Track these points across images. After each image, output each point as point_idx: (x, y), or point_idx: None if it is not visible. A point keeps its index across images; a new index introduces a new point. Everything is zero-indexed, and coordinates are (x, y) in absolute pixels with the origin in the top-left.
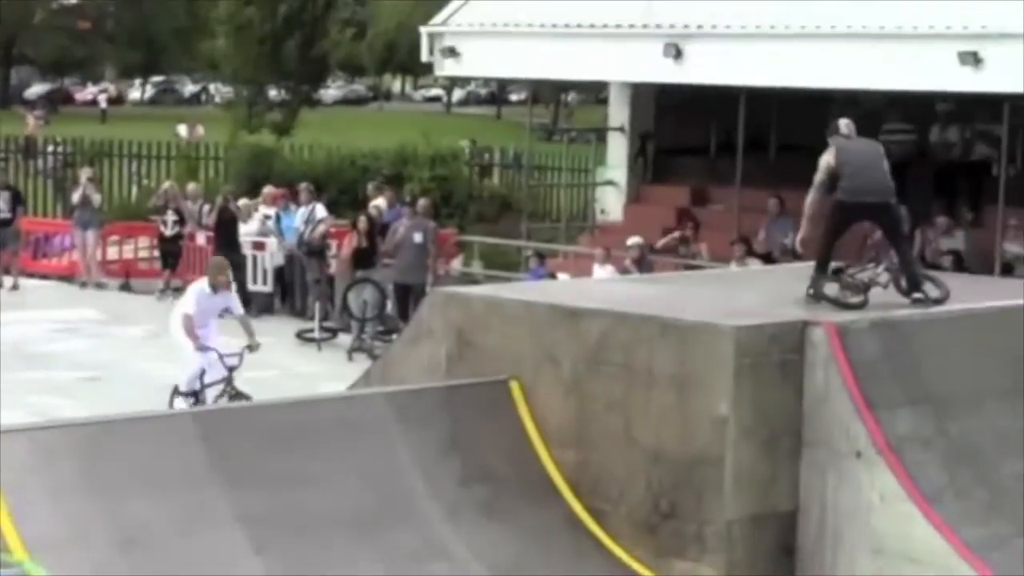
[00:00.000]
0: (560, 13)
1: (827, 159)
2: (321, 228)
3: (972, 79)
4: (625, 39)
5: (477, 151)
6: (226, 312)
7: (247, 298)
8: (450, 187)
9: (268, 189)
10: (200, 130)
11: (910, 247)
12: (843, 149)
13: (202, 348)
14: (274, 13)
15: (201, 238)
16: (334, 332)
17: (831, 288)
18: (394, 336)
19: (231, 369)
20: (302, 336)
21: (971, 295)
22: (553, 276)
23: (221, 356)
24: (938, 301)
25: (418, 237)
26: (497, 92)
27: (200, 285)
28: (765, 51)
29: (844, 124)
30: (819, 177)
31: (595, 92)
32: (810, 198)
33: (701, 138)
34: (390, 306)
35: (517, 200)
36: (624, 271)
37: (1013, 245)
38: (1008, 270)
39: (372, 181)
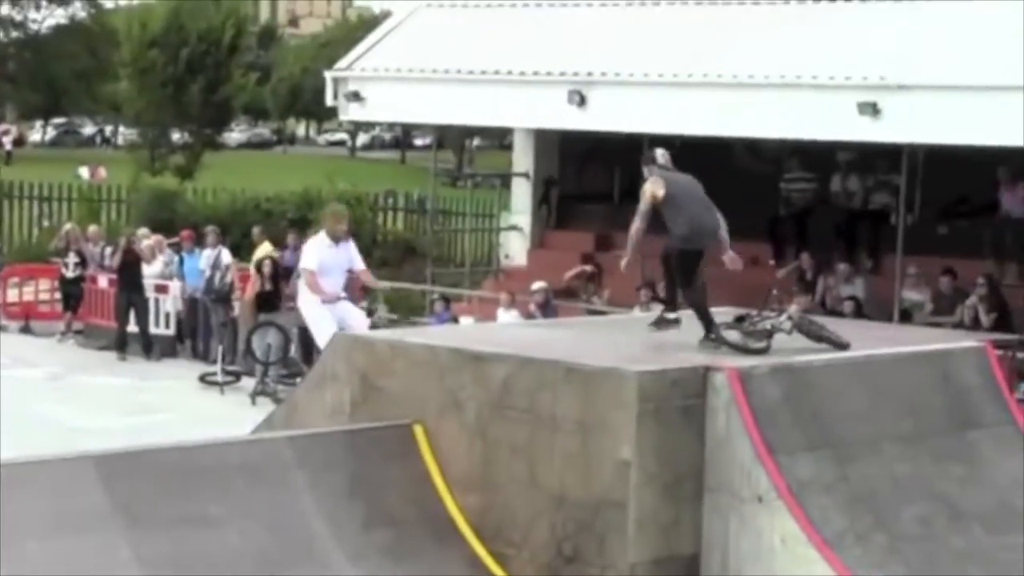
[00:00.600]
0: (465, 60)
1: (652, 190)
2: (229, 276)
3: (871, 129)
4: (529, 86)
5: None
6: (349, 273)
7: (149, 341)
8: (354, 231)
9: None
10: (102, 172)
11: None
12: (671, 182)
13: (333, 299)
14: (177, 57)
15: (103, 280)
16: (237, 376)
17: (733, 334)
18: (298, 380)
19: (370, 314)
20: (205, 380)
21: (870, 341)
22: (456, 320)
23: (342, 298)
24: (844, 345)
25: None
26: (402, 137)
27: (318, 238)
28: (667, 99)
29: (661, 154)
30: (643, 207)
31: (499, 138)
32: (635, 227)
33: (605, 184)
34: (294, 349)
35: (421, 244)
36: (529, 316)
37: (911, 292)
38: (906, 317)
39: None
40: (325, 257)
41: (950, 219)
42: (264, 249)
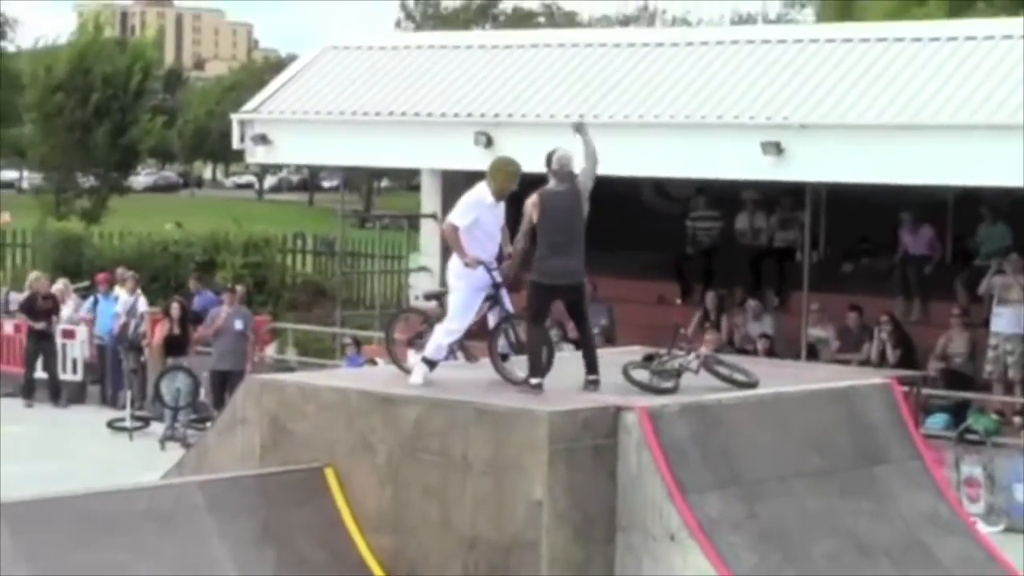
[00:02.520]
0: (371, 102)
1: (531, 211)
2: (144, 325)
3: (775, 168)
4: (436, 127)
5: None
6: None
7: (57, 387)
8: (263, 273)
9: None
10: (6, 216)
11: (590, 329)
12: (547, 206)
13: (474, 262)
14: (84, 101)
15: (8, 326)
16: (146, 421)
17: (641, 374)
18: (208, 424)
19: (497, 287)
20: (113, 425)
21: (778, 379)
22: (374, 362)
23: (490, 271)
24: (751, 384)
25: (239, 324)
26: (309, 179)
27: (479, 192)
28: (574, 139)
29: (557, 159)
30: (524, 227)
31: (407, 179)
32: (517, 245)
33: (513, 225)
34: (203, 393)
35: (330, 286)
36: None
37: (817, 329)
38: (813, 354)
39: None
40: (484, 217)
41: (854, 257)
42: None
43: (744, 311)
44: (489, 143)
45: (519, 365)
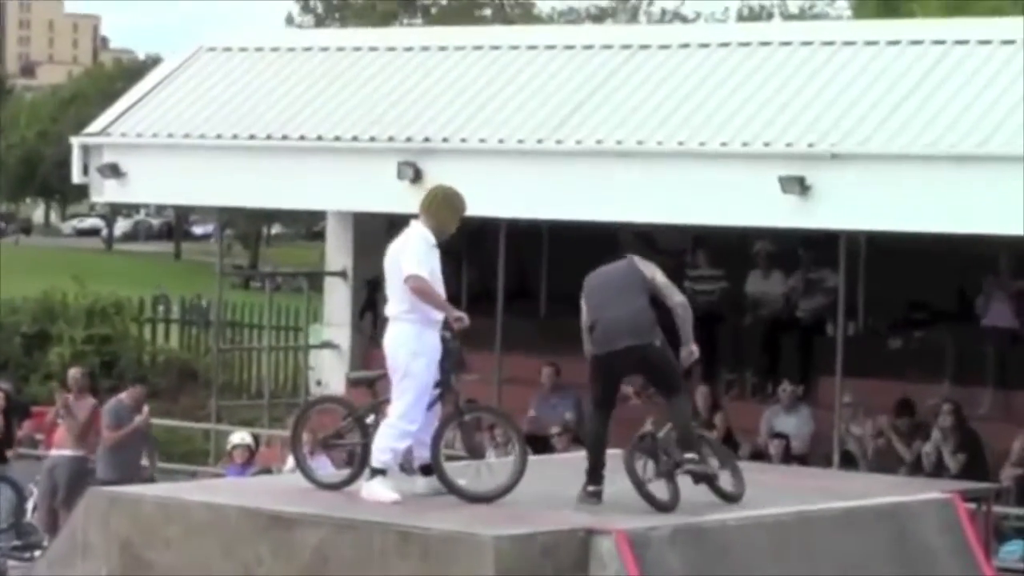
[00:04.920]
0: (260, 122)
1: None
2: None
3: (798, 211)
4: (346, 156)
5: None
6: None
7: None
8: (113, 350)
9: None
10: None
11: (685, 401)
12: (588, 285)
13: (463, 320)
14: None
15: None
16: None
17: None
18: (37, 552)
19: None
20: None
21: (802, 493)
22: (269, 471)
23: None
24: (731, 497)
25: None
26: (176, 223)
27: (422, 233)
28: (528, 172)
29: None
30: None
31: (307, 224)
32: (585, 347)
33: (449, 284)
34: (31, 511)
35: (203, 368)
36: (349, 463)
37: (854, 426)
38: (849, 460)
39: None
40: (435, 265)
41: (904, 330)
42: None
43: (756, 401)
44: (417, 176)
45: (463, 473)
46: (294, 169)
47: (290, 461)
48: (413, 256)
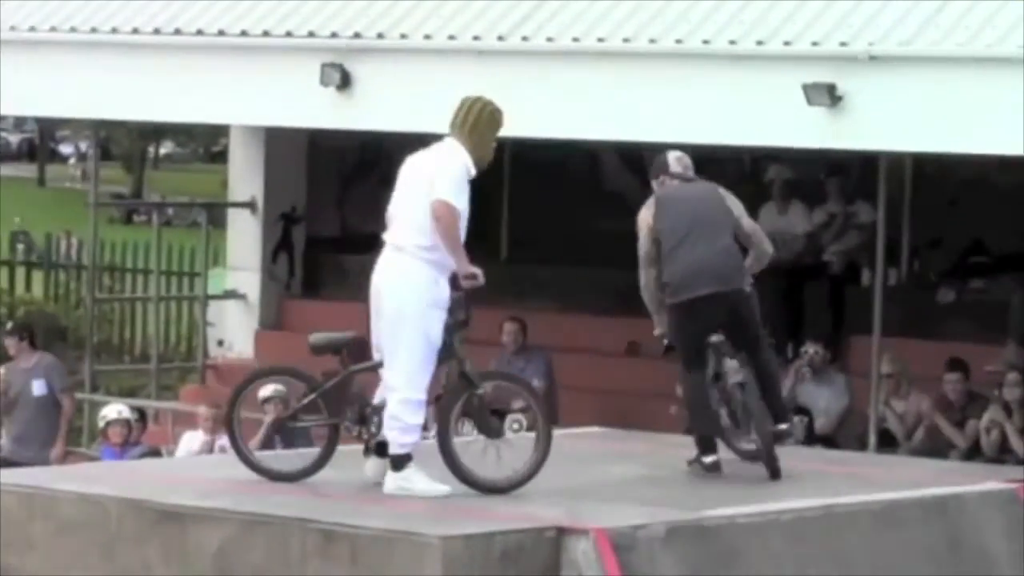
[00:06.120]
0: (142, 12)
1: (645, 217)
2: None
3: (826, 127)
4: (254, 56)
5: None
6: None
7: None
8: None
9: None
10: None
11: (773, 361)
12: (663, 203)
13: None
14: None
15: None
16: None
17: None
18: None
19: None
20: None
21: (831, 482)
22: (157, 453)
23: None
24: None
25: (39, 387)
26: (39, 141)
27: (463, 160)
28: (483, 75)
29: (675, 159)
30: (643, 248)
31: (205, 143)
32: (643, 281)
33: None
34: None
35: (74, 323)
36: (261, 443)
37: (896, 399)
38: (889, 440)
39: None
40: (465, 198)
41: (960, 278)
42: None
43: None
44: (345, 82)
45: (472, 454)
46: (188, 72)
47: (184, 441)
48: (452, 180)
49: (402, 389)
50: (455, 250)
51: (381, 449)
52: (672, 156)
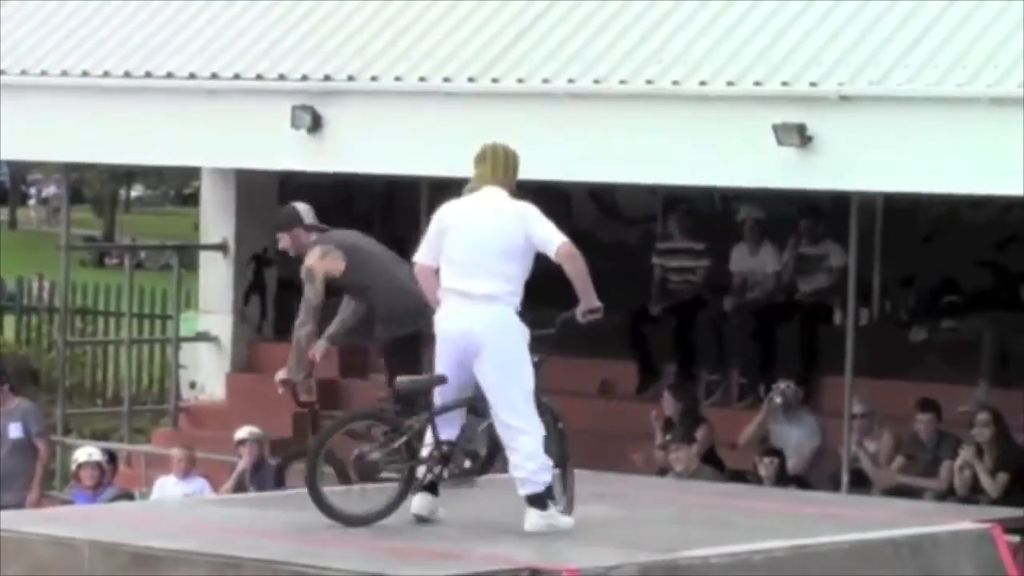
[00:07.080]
0: (113, 55)
1: (322, 266)
2: None
3: (797, 168)
4: (225, 98)
5: None
6: None
7: None
8: None
9: None
10: None
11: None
12: (350, 248)
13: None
14: None
15: None
16: None
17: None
18: None
19: None
20: None
21: (802, 523)
22: (130, 496)
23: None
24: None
25: (15, 429)
26: (11, 184)
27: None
28: (458, 119)
29: (306, 211)
30: (309, 295)
31: (177, 185)
32: (300, 329)
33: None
34: None
35: (46, 365)
36: (236, 485)
37: (868, 439)
38: (861, 480)
39: None
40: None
41: (932, 318)
42: None
43: (743, 407)
44: (316, 125)
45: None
46: (159, 115)
47: (159, 484)
48: (548, 223)
49: (531, 430)
50: (587, 286)
51: (432, 486)
52: (302, 207)
